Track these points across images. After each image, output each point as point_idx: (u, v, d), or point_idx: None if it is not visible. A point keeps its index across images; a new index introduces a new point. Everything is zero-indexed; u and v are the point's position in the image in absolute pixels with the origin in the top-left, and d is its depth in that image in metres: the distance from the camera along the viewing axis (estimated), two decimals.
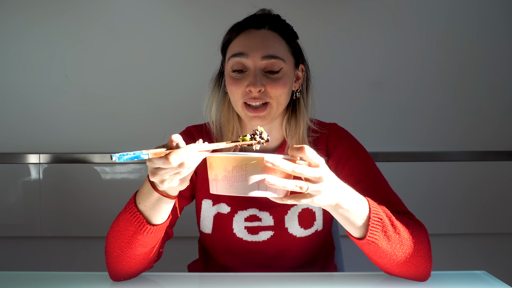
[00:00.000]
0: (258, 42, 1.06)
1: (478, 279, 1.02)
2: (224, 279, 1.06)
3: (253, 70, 1.05)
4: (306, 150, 0.79)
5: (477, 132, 1.89)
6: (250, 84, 1.03)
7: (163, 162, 0.74)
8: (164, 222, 0.94)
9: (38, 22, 1.86)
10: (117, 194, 1.81)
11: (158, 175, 0.77)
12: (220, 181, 0.79)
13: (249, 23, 1.10)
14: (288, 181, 0.77)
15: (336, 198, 0.83)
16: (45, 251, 1.89)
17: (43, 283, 1.03)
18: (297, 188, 0.78)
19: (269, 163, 0.76)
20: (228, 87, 1.09)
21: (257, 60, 1.05)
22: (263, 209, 1.14)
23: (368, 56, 1.88)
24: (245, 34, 1.08)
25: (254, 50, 1.05)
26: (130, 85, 1.88)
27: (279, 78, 1.06)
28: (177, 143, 0.76)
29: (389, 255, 0.92)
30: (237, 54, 1.06)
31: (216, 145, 0.80)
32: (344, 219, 0.88)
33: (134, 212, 0.92)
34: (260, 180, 0.77)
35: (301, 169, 0.78)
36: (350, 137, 1.17)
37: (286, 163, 0.77)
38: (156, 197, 0.88)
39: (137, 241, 0.94)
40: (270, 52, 1.05)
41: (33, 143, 1.87)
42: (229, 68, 1.08)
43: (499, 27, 1.88)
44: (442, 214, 1.88)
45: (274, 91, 1.05)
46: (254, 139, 0.86)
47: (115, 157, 0.70)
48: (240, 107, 1.07)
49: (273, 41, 1.08)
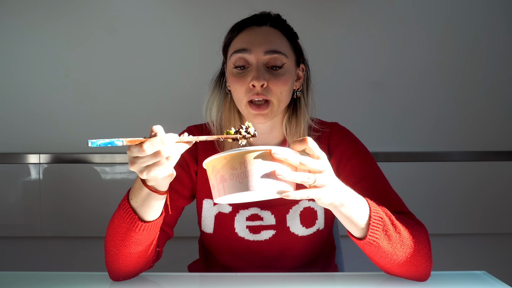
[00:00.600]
0: (261, 37, 1.07)
1: (478, 279, 1.02)
2: (225, 279, 1.05)
3: (256, 65, 1.05)
4: (309, 142, 0.80)
5: (477, 132, 1.89)
6: (253, 78, 1.04)
7: (138, 150, 0.75)
8: (157, 219, 0.94)
9: (38, 22, 1.86)
10: (117, 194, 1.80)
11: (136, 163, 0.77)
12: (228, 180, 0.78)
13: (251, 21, 1.11)
14: (297, 173, 0.78)
15: (340, 196, 0.84)
16: (45, 251, 1.89)
17: (43, 283, 1.03)
18: (306, 178, 0.78)
19: (277, 154, 0.77)
20: (231, 85, 1.09)
21: (260, 55, 1.05)
22: (265, 208, 1.14)
23: (369, 56, 1.88)
24: (248, 31, 1.09)
25: (257, 45, 1.06)
26: (130, 85, 1.88)
27: (282, 74, 1.06)
28: (155, 133, 0.76)
29: (389, 254, 0.92)
30: (240, 50, 1.06)
31: (197, 138, 0.80)
32: (346, 218, 0.88)
33: (126, 209, 0.92)
34: (269, 173, 0.77)
35: (306, 160, 0.79)
36: (351, 136, 1.17)
37: (293, 155, 0.78)
38: (146, 193, 0.88)
39: (131, 238, 0.94)
40: (273, 47, 1.06)
41: (33, 143, 1.87)
42: (231, 65, 1.08)
43: (500, 28, 1.88)
44: (442, 214, 1.87)
45: (276, 87, 1.05)
46: (239, 133, 0.85)
47: (90, 142, 0.72)
48: (244, 106, 1.07)
49: (275, 37, 1.09)
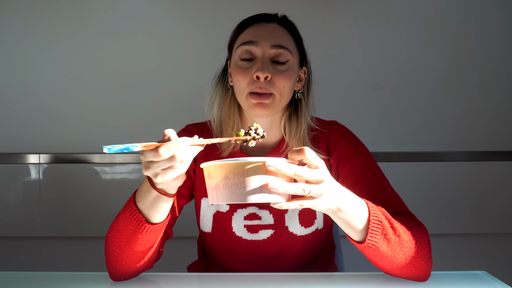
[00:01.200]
0: (269, 32, 1.09)
1: (478, 279, 1.02)
2: (224, 279, 1.05)
3: (262, 57, 1.07)
4: (306, 152, 0.79)
5: (477, 132, 1.89)
6: (258, 69, 1.05)
7: (154, 155, 0.75)
8: (163, 221, 0.94)
9: (38, 22, 1.86)
10: (117, 194, 1.81)
11: (150, 168, 0.77)
12: (221, 189, 0.78)
13: (259, 18, 1.13)
14: (291, 185, 0.77)
15: (337, 202, 0.83)
16: (45, 251, 1.89)
17: (43, 283, 1.03)
18: (300, 190, 0.77)
19: (271, 167, 0.75)
20: (234, 76, 1.10)
21: (266, 48, 1.07)
22: (263, 207, 1.14)
23: (369, 56, 1.88)
24: (256, 26, 1.12)
25: (264, 39, 1.08)
26: (130, 84, 1.88)
27: (286, 70, 1.08)
28: (169, 137, 0.76)
29: (389, 257, 0.92)
30: (247, 42, 1.08)
31: (209, 140, 0.80)
32: (344, 223, 0.88)
33: (133, 211, 0.92)
34: (262, 185, 0.76)
35: (303, 171, 0.77)
36: (351, 135, 1.17)
37: (288, 166, 0.76)
38: (154, 195, 0.88)
39: (137, 240, 0.94)
40: (279, 42, 1.08)
41: (33, 143, 1.87)
42: (237, 57, 1.10)
43: (499, 27, 1.88)
44: (442, 214, 1.87)
45: (279, 82, 1.06)
46: (249, 135, 0.85)
47: (106, 149, 0.71)
48: (245, 97, 1.08)
49: (282, 33, 1.11)
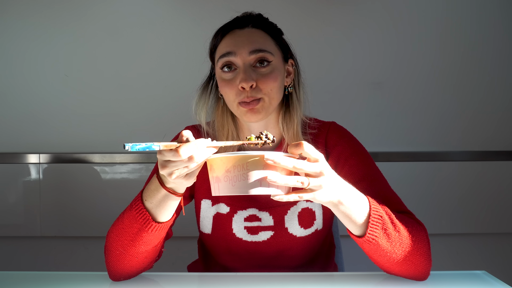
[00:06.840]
0: (244, 39, 1.08)
1: (478, 279, 1.02)
2: (224, 279, 1.06)
3: (243, 66, 1.06)
4: (304, 146, 0.80)
5: (477, 132, 1.89)
6: (241, 80, 1.04)
7: (173, 155, 0.76)
8: (169, 220, 0.96)
9: (38, 21, 1.86)
10: (117, 194, 1.81)
11: (167, 167, 0.79)
12: (222, 181, 0.80)
13: (233, 25, 1.12)
14: (289, 177, 0.78)
15: (338, 195, 0.84)
16: (45, 251, 1.89)
17: (43, 283, 1.03)
18: (299, 183, 0.78)
19: (270, 160, 0.77)
20: (221, 89, 1.10)
21: (245, 56, 1.07)
22: (263, 209, 1.14)
23: (368, 56, 1.88)
24: (230, 35, 1.11)
25: (241, 47, 1.07)
26: (129, 85, 1.88)
27: (269, 72, 1.07)
28: (187, 138, 0.78)
29: (388, 253, 0.93)
30: (225, 54, 1.08)
31: (224, 143, 0.83)
32: (345, 216, 0.88)
33: (140, 209, 0.93)
34: (262, 178, 0.78)
35: (302, 164, 0.78)
36: (349, 136, 1.17)
37: (286, 160, 0.78)
38: (163, 194, 0.89)
39: (141, 238, 0.95)
40: (256, 47, 1.07)
41: (33, 143, 1.87)
42: (219, 70, 1.10)
43: (499, 27, 1.88)
44: (442, 214, 1.87)
45: (265, 86, 1.06)
46: (260, 139, 0.89)
47: (128, 146, 0.73)
48: (236, 106, 1.08)
49: (258, 36, 1.10)
